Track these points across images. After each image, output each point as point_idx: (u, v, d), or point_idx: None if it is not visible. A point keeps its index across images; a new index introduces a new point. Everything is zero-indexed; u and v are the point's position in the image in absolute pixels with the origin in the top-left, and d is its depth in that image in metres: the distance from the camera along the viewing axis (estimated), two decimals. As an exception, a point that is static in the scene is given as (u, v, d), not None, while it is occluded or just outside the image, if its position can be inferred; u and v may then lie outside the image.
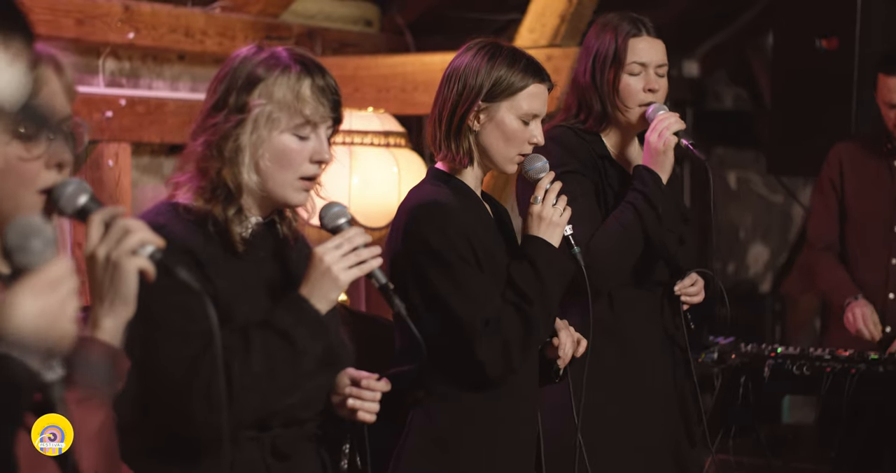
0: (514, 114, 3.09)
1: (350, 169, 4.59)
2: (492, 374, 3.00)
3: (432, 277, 2.99)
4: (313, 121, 2.59)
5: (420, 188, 3.15)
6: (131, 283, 2.04)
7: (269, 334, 2.49)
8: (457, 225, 3.01)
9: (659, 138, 3.50)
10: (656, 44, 3.59)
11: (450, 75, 3.13)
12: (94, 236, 2.04)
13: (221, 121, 2.56)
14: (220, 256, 2.55)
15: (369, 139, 4.67)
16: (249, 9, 5.21)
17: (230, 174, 2.55)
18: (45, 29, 4.33)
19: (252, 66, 2.58)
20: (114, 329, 2.04)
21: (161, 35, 4.80)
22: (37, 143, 2.01)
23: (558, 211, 3.09)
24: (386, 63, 5.10)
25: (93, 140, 4.58)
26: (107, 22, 4.58)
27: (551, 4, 4.73)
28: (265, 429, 2.55)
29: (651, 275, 3.59)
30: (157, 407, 2.45)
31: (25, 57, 1.41)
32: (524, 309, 3.00)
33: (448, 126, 3.11)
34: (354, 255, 2.53)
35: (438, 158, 3.17)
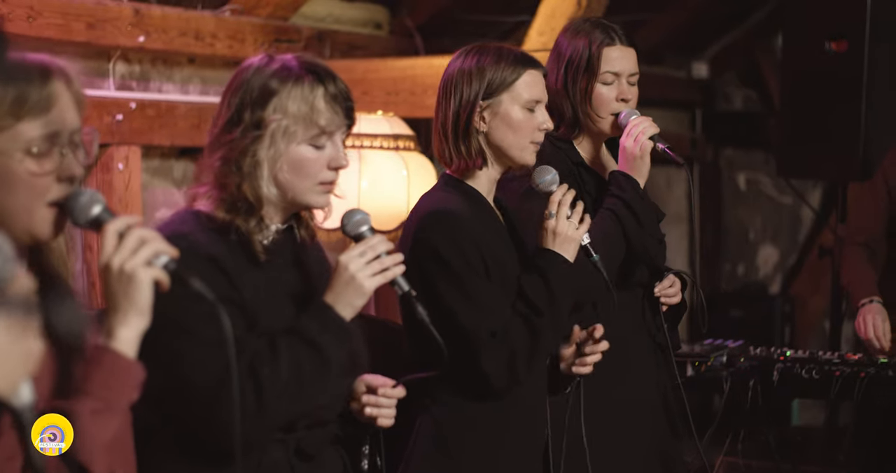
0: (517, 105, 3.11)
1: (359, 172, 4.59)
2: (496, 385, 3.01)
3: (440, 285, 3.00)
4: (329, 130, 2.61)
5: (431, 195, 3.16)
6: (146, 294, 2.05)
7: (296, 342, 2.51)
8: (467, 233, 3.02)
9: (635, 143, 3.50)
10: (629, 52, 3.58)
11: (445, 86, 3.16)
12: (108, 247, 2.05)
13: (238, 137, 2.57)
14: (244, 264, 2.57)
15: (378, 142, 4.67)
16: (259, 12, 5.21)
17: (250, 188, 2.57)
18: (55, 33, 4.35)
19: (264, 78, 2.58)
20: (129, 339, 2.05)
21: (171, 38, 4.80)
22: (49, 158, 2.02)
23: (573, 225, 3.09)
24: (395, 66, 5.10)
25: (103, 143, 4.59)
26: (117, 25, 4.58)
27: (560, 7, 4.73)
28: (290, 431, 2.58)
29: (632, 278, 3.60)
30: (182, 416, 2.46)
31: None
32: (532, 321, 3.01)
33: (454, 133, 3.12)
34: (378, 263, 2.55)
35: (450, 170, 3.18)
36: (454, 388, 3.05)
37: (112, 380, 2.01)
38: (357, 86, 5.08)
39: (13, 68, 1.99)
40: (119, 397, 2.02)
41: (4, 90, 1.99)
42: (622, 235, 3.49)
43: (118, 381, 2.02)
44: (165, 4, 4.86)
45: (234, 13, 5.13)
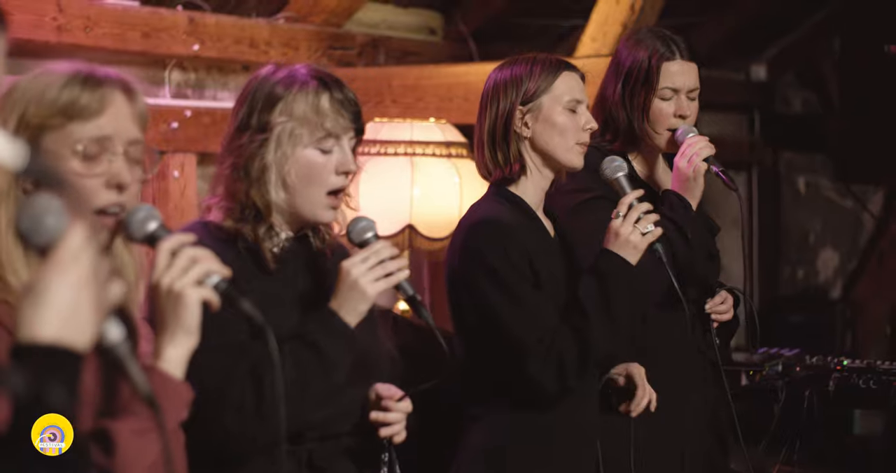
0: (559, 106, 3.10)
1: (411, 180, 4.59)
2: (546, 394, 3.00)
3: (488, 294, 2.99)
4: (335, 133, 2.61)
5: (480, 204, 3.15)
6: (194, 313, 2.06)
7: (299, 346, 2.52)
8: (515, 242, 3.01)
9: (689, 164, 3.43)
10: (689, 67, 3.50)
11: (483, 99, 3.16)
12: (160, 265, 2.07)
13: (246, 142, 2.59)
14: (252, 273, 2.58)
15: (431, 150, 4.67)
16: (313, 19, 5.23)
17: (258, 194, 2.59)
18: (112, 42, 4.39)
19: (270, 85, 2.61)
20: (176, 358, 2.06)
21: (225, 46, 4.83)
22: (97, 162, 2.04)
23: (638, 231, 3.05)
24: (448, 72, 5.09)
25: (159, 151, 4.61)
26: (172, 34, 4.62)
27: (613, 12, 4.70)
28: (301, 442, 2.58)
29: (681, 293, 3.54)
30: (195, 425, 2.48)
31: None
32: (582, 328, 2.98)
33: (492, 142, 3.11)
34: (381, 268, 2.55)
35: (491, 181, 3.17)
36: (504, 397, 3.04)
37: (159, 400, 2.01)
38: (411, 92, 5.09)
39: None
40: (166, 417, 2.02)
41: (60, 93, 2.03)
42: (670, 255, 3.42)
43: (164, 401, 2.01)
44: (220, 13, 4.89)
45: (288, 21, 5.16)
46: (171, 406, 2.04)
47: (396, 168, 4.63)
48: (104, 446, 1.95)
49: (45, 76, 2.08)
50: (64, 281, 1.48)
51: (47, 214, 1.52)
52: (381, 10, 5.71)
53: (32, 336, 1.46)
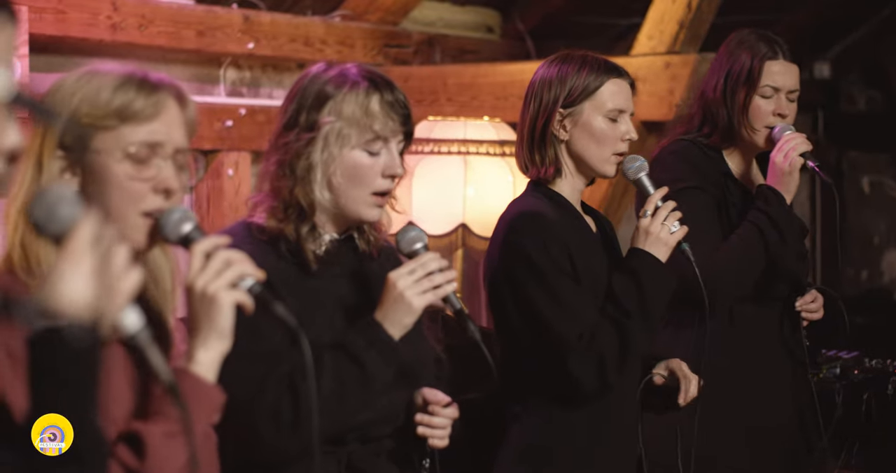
0: (599, 114, 3.06)
1: (464, 179, 4.57)
2: (586, 390, 2.96)
3: (528, 289, 2.97)
4: (383, 135, 2.58)
5: (518, 201, 3.13)
6: (227, 317, 2.04)
7: (341, 357, 2.49)
8: (556, 237, 2.98)
9: (785, 159, 3.45)
10: (791, 68, 3.56)
11: (527, 95, 3.13)
12: (194, 267, 2.05)
13: (293, 140, 2.57)
14: (293, 275, 2.56)
15: (484, 148, 4.64)
16: (369, 17, 5.22)
17: (302, 192, 2.56)
18: (166, 40, 4.40)
19: (321, 83, 2.59)
20: (208, 362, 2.04)
21: (280, 44, 4.84)
22: (147, 167, 2.04)
23: (667, 229, 3.03)
24: (504, 70, 5.06)
25: (213, 149, 4.64)
26: (227, 32, 4.63)
27: (670, 10, 4.65)
28: (341, 444, 2.55)
29: (771, 292, 3.55)
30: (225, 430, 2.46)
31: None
32: (622, 324, 2.95)
33: (531, 140, 3.09)
34: (428, 280, 2.51)
35: (528, 177, 3.15)
36: (544, 396, 3.02)
37: (189, 404, 1.99)
38: (466, 91, 5.06)
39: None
40: (197, 420, 2.00)
41: (114, 95, 2.03)
42: (763, 249, 3.44)
43: (195, 404, 2.00)
44: (275, 11, 4.89)
45: (343, 19, 5.15)
46: (201, 409, 2.02)
47: (449, 167, 4.60)
48: (135, 448, 1.94)
49: (96, 77, 2.07)
50: (78, 270, 1.48)
51: (61, 203, 1.52)
52: (438, 8, 5.69)
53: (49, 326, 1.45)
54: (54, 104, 2.06)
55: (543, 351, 2.96)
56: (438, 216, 4.56)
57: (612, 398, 3.02)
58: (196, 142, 4.52)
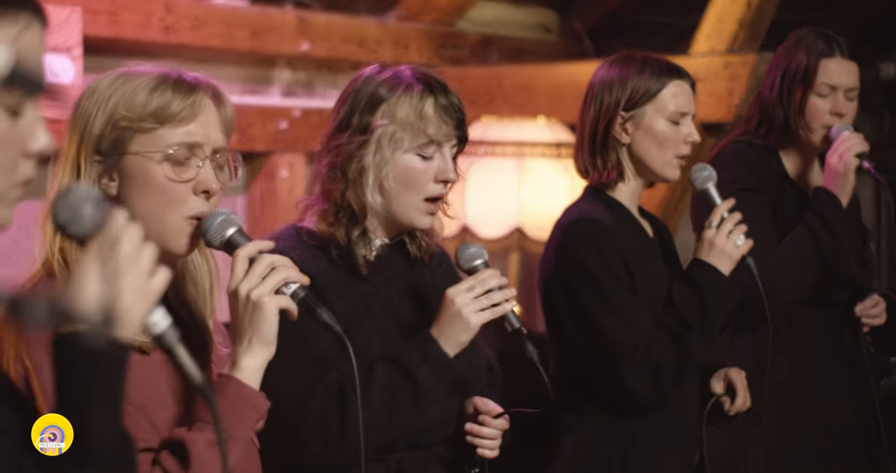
0: (661, 117, 3.00)
1: (519, 181, 4.52)
2: (640, 401, 2.90)
3: (583, 297, 2.91)
4: (437, 140, 2.54)
5: (575, 206, 3.08)
6: (272, 323, 2.00)
7: (393, 371, 2.45)
8: (611, 243, 2.93)
9: (840, 160, 3.37)
10: (849, 66, 3.46)
11: (587, 95, 3.07)
12: (237, 273, 2.02)
13: (345, 142, 2.53)
14: (343, 280, 2.52)
15: (540, 150, 4.59)
16: (424, 17, 5.18)
17: (354, 195, 2.53)
18: (220, 42, 4.39)
19: (374, 85, 2.55)
20: (252, 369, 2.00)
21: (335, 45, 4.81)
22: (186, 168, 2.01)
23: (732, 241, 2.97)
24: (561, 70, 4.99)
25: (267, 151, 4.62)
26: (281, 33, 4.61)
27: (729, 9, 4.56)
28: (390, 452, 2.51)
29: (829, 296, 3.48)
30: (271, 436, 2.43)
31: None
32: (680, 335, 2.89)
33: (592, 143, 3.03)
34: (486, 298, 2.46)
35: (588, 181, 3.09)
36: (599, 405, 2.96)
37: (233, 410, 1.96)
38: (522, 91, 5.00)
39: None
40: (240, 427, 1.97)
41: (151, 97, 2.00)
42: (816, 252, 3.37)
43: (239, 411, 1.97)
44: (329, 12, 4.86)
45: (398, 19, 5.11)
46: (245, 416, 1.99)
47: (504, 169, 4.56)
48: (179, 456, 1.91)
49: (131, 78, 2.04)
50: (102, 270, 1.44)
51: (85, 203, 1.47)
52: (494, 8, 5.63)
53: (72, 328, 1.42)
54: (90, 106, 2.03)
55: (598, 360, 2.91)
56: (493, 219, 4.52)
57: (669, 407, 2.96)
58: (249, 144, 4.54)
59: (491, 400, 2.59)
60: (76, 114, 2.04)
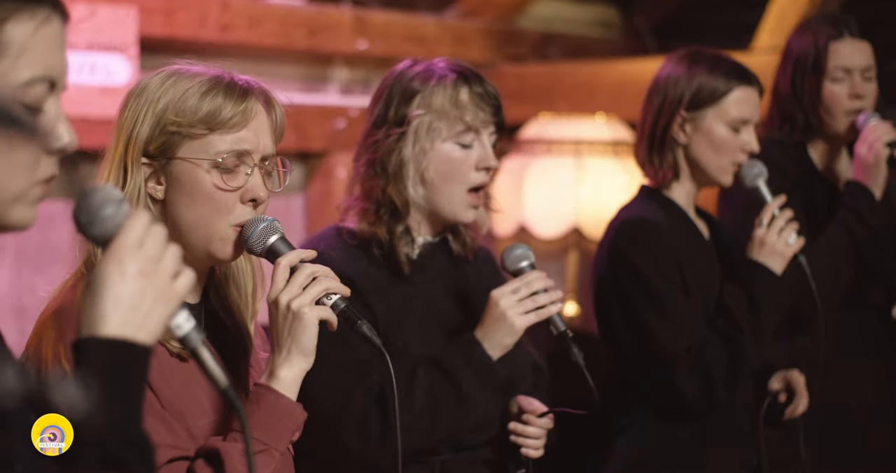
0: (722, 122, 2.93)
1: (577, 179, 4.47)
2: (692, 406, 2.85)
3: (635, 299, 2.86)
4: (474, 126, 2.51)
5: (629, 206, 3.03)
6: (311, 334, 1.98)
7: (436, 373, 2.42)
8: (664, 245, 2.88)
9: (869, 151, 3.23)
10: (861, 46, 3.33)
11: (651, 90, 3.01)
12: (278, 282, 2.00)
13: (382, 137, 2.51)
14: (385, 280, 2.49)
15: (598, 148, 4.53)
16: (483, 15, 5.14)
17: (395, 190, 2.50)
18: (276, 41, 4.38)
19: (407, 79, 2.54)
20: (290, 379, 1.98)
21: (393, 44, 4.78)
22: (234, 176, 1.98)
23: (783, 240, 2.90)
24: (622, 68, 4.93)
25: (324, 150, 4.60)
26: (338, 32, 4.59)
27: (792, 5, 4.47)
28: (434, 453, 2.49)
29: (864, 297, 3.36)
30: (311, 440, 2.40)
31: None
32: (732, 339, 2.84)
33: (651, 140, 2.98)
34: (531, 301, 2.43)
35: (644, 175, 3.04)
36: (651, 409, 2.91)
37: (270, 421, 1.94)
38: (582, 89, 4.95)
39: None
40: (276, 439, 1.95)
41: (202, 101, 1.96)
42: (853, 250, 3.25)
43: (276, 422, 1.95)
44: (388, 9, 4.84)
45: (458, 17, 5.08)
46: (282, 427, 1.96)
47: (561, 168, 4.51)
48: (214, 465, 1.89)
49: (182, 79, 2.00)
50: (123, 272, 1.41)
51: (105, 205, 1.44)
52: (555, 6, 5.58)
53: (92, 331, 1.39)
54: (139, 107, 2.00)
55: (649, 363, 2.86)
56: (550, 218, 4.48)
57: (723, 411, 2.90)
58: (306, 143, 4.53)
59: (535, 400, 2.55)
60: (124, 113, 2.01)
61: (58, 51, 1.40)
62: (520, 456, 2.55)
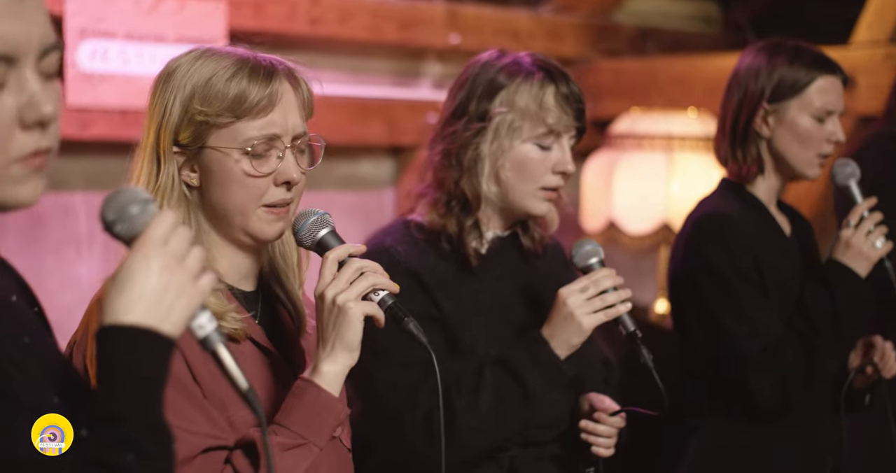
0: (806, 113, 2.85)
1: (668, 175, 4.40)
2: (766, 407, 2.77)
3: (709, 296, 2.80)
4: (556, 130, 2.47)
5: (707, 200, 2.96)
6: (356, 330, 1.94)
7: (502, 373, 2.38)
8: (741, 240, 2.81)
9: None
10: None
11: (730, 82, 2.94)
12: (326, 276, 1.97)
13: (461, 129, 2.47)
14: (453, 275, 2.46)
15: (690, 144, 4.46)
16: (579, 9, 5.09)
17: (468, 184, 2.47)
18: (367, 35, 4.37)
19: (493, 72, 2.49)
20: (333, 374, 1.95)
21: (486, 38, 4.74)
22: (265, 161, 1.98)
23: (870, 242, 2.81)
24: (718, 63, 4.83)
25: (415, 144, 4.59)
26: (430, 26, 4.57)
27: None
28: (502, 450, 2.45)
29: None
30: (375, 435, 2.38)
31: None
32: (810, 341, 2.75)
33: (733, 134, 2.90)
34: (600, 300, 2.38)
35: (726, 171, 2.97)
36: (725, 409, 2.85)
37: (310, 415, 1.92)
38: (678, 84, 4.88)
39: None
40: (316, 433, 1.92)
41: (227, 88, 1.94)
42: None
43: (317, 418, 1.92)
44: (480, 3, 4.81)
45: (552, 11, 5.03)
46: (323, 422, 1.93)
47: (652, 163, 4.45)
48: (251, 458, 1.88)
49: (207, 62, 1.98)
50: (149, 266, 1.40)
51: (132, 204, 1.44)
52: (652, 0, 5.51)
53: (116, 319, 1.38)
54: (167, 94, 1.98)
55: (723, 363, 2.79)
56: (640, 214, 4.42)
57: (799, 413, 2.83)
58: (397, 137, 4.52)
59: (607, 397, 2.51)
60: (153, 101, 2.00)
61: (18, 21, 1.34)
62: (589, 454, 2.50)
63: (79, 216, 3.85)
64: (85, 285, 3.83)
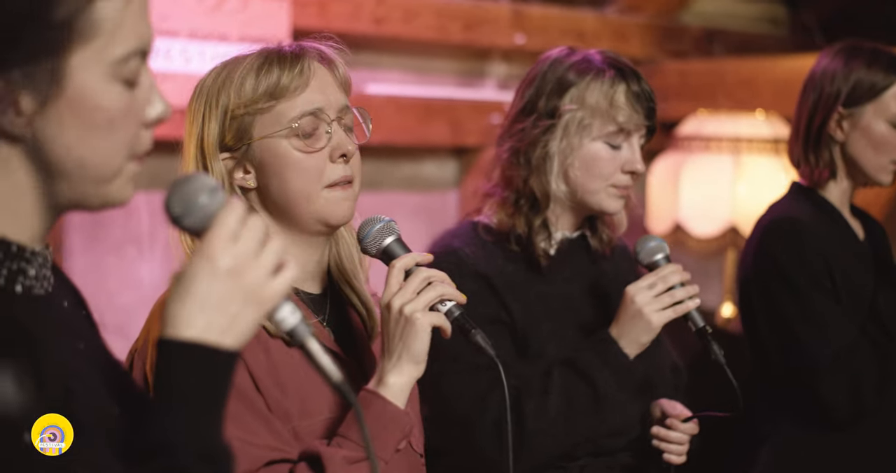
0: (881, 118, 2.80)
1: (734, 177, 4.34)
2: (838, 415, 2.71)
3: (780, 301, 2.74)
4: (627, 128, 2.43)
5: (779, 204, 2.92)
6: (423, 341, 1.92)
7: (571, 374, 2.35)
8: (813, 245, 2.75)
9: None
10: None
11: (806, 84, 2.88)
12: (392, 285, 1.95)
13: (529, 126, 2.44)
14: (521, 277, 2.43)
15: (757, 146, 4.40)
16: (645, 10, 5.04)
17: (537, 183, 2.43)
18: (431, 34, 4.35)
19: (563, 69, 2.46)
20: (398, 386, 1.92)
21: (552, 38, 4.70)
22: (315, 137, 1.97)
23: None
24: (786, 65, 4.78)
25: (479, 145, 4.56)
26: (495, 26, 4.54)
27: (967, -2, 4.28)
28: (572, 459, 2.41)
29: None
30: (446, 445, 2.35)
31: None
32: (884, 347, 2.69)
33: (806, 137, 2.85)
34: (668, 296, 2.34)
35: (798, 174, 2.91)
36: (796, 416, 2.79)
37: (375, 428, 1.89)
38: (745, 86, 4.81)
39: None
40: (381, 446, 1.89)
41: (259, 78, 1.95)
42: None
43: (382, 429, 1.89)
44: (546, 4, 4.77)
45: (618, 12, 4.99)
46: (388, 435, 1.91)
47: (719, 165, 4.39)
48: (315, 470, 1.85)
49: (234, 68, 1.99)
50: (214, 269, 1.32)
51: (200, 193, 1.36)
52: (719, 1, 5.45)
53: (175, 332, 1.31)
54: (200, 108, 1.99)
55: (795, 370, 2.74)
56: (706, 217, 4.36)
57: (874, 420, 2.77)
58: (461, 138, 4.49)
59: (679, 403, 2.46)
60: (190, 117, 2.01)
61: (145, 19, 1.35)
62: (661, 462, 2.46)
63: (141, 215, 3.85)
64: (146, 285, 3.83)
